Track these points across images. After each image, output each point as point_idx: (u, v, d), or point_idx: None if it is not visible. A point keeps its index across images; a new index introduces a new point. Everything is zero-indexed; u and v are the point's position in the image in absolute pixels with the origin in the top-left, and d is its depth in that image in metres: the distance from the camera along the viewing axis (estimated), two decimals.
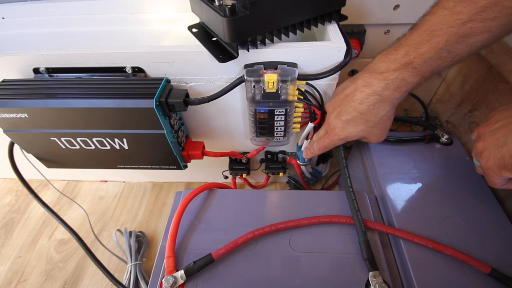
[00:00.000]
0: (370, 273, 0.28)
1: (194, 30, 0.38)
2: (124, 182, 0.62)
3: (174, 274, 0.28)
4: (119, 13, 0.52)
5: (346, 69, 0.56)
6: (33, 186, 0.43)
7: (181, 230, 0.33)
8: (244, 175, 0.53)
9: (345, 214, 0.34)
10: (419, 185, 0.37)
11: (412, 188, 0.36)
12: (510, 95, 0.41)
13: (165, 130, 0.36)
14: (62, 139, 0.39)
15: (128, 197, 0.59)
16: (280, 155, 0.51)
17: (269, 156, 0.52)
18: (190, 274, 0.29)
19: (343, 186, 0.53)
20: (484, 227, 0.32)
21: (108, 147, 0.39)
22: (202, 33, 0.38)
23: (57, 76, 0.39)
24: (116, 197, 0.59)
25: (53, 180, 0.63)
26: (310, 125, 0.42)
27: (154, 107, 0.33)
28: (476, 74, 0.47)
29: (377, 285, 0.27)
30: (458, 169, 0.38)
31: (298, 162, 0.50)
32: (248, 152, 0.50)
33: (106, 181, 0.62)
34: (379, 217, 0.35)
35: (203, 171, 0.58)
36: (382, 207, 0.36)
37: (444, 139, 0.40)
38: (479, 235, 0.32)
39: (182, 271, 0.28)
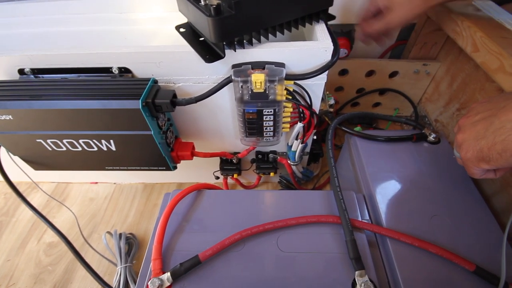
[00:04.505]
0: (356, 272, 0.28)
1: (181, 29, 0.38)
2: (115, 183, 0.61)
3: (160, 277, 0.28)
4: (107, 12, 0.51)
5: (336, 69, 0.57)
6: (22, 189, 0.42)
7: (169, 231, 0.33)
8: (235, 176, 0.53)
9: (334, 213, 0.34)
10: (406, 183, 0.37)
11: (399, 187, 0.36)
12: (496, 94, 0.42)
13: (152, 131, 0.36)
14: (48, 141, 0.38)
15: (118, 198, 0.58)
16: (271, 155, 0.51)
17: (260, 156, 0.52)
18: (177, 276, 0.28)
19: None
20: (470, 225, 0.33)
21: (95, 149, 0.39)
22: (190, 33, 0.37)
23: (42, 77, 0.38)
24: (106, 199, 0.58)
25: (43, 182, 0.62)
26: (299, 125, 0.42)
27: (141, 108, 0.33)
28: (463, 73, 0.47)
29: (362, 284, 0.27)
30: (445, 167, 0.38)
31: (288, 162, 0.50)
32: (238, 152, 0.50)
33: (96, 182, 0.61)
34: (367, 216, 0.35)
35: (195, 171, 0.58)
36: (370, 206, 0.36)
37: (431, 138, 0.40)
38: (465, 233, 0.32)
39: (169, 273, 0.28)
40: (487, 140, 0.26)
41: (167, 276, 0.28)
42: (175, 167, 0.44)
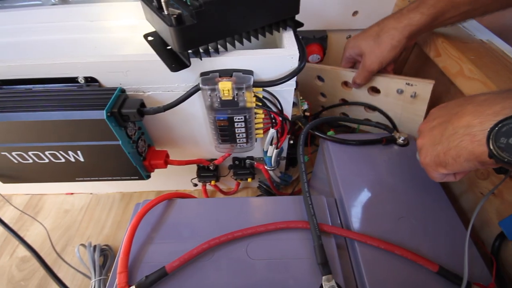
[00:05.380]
0: (323, 277, 0.28)
1: (150, 38, 0.38)
2: (91, 194, 0.60)
3: None
4: (77, 20, 0.51)
5: (313, 74, 0.57)
6: None
7: (138, 243, 0.33)
8: (212, 182, 0.53)
9: (305, 219, 0.34)
10: (375, 186, 0.37)
11: (368, 190, 0.37)
12: (461, 97, 0.43)
13: (120, 141, 0.36)
14: (13, 153, 0.37)
15: (95, 209, 0.57)
16: (247, 161, 0.51)
17: (237, 162, 0.51)
18: None
19: (314, 189, 0.54)
20: (436, 226, 0.33)
21: (63, 160, 0.38)
22: (158, 41, 0.37)
23: (7, 88, 0.38)
24: (82, 210, 0.57)
25: (16, 194, 0.60)
26: (272, 131, 0.42)
27: (106, 118, 0.33)
28: (431, 77, 0.49)
29: None
30: (413, 170, 0.39)
31: (265, 167, 0.50)
32: (215, 159, 0.50)
33: (72, 193, 0.60)
34: (338, 220, 0.36)
35: (173, 179, 0.58)
36: (341, 210, 0.36)
37: (400, 140, 0.41)
38: (430, 234, 0.33)
39: (134, 287, 0.28)
40: (443, 146, 0.27)
41: None
42: (148, 176, 0.44)
